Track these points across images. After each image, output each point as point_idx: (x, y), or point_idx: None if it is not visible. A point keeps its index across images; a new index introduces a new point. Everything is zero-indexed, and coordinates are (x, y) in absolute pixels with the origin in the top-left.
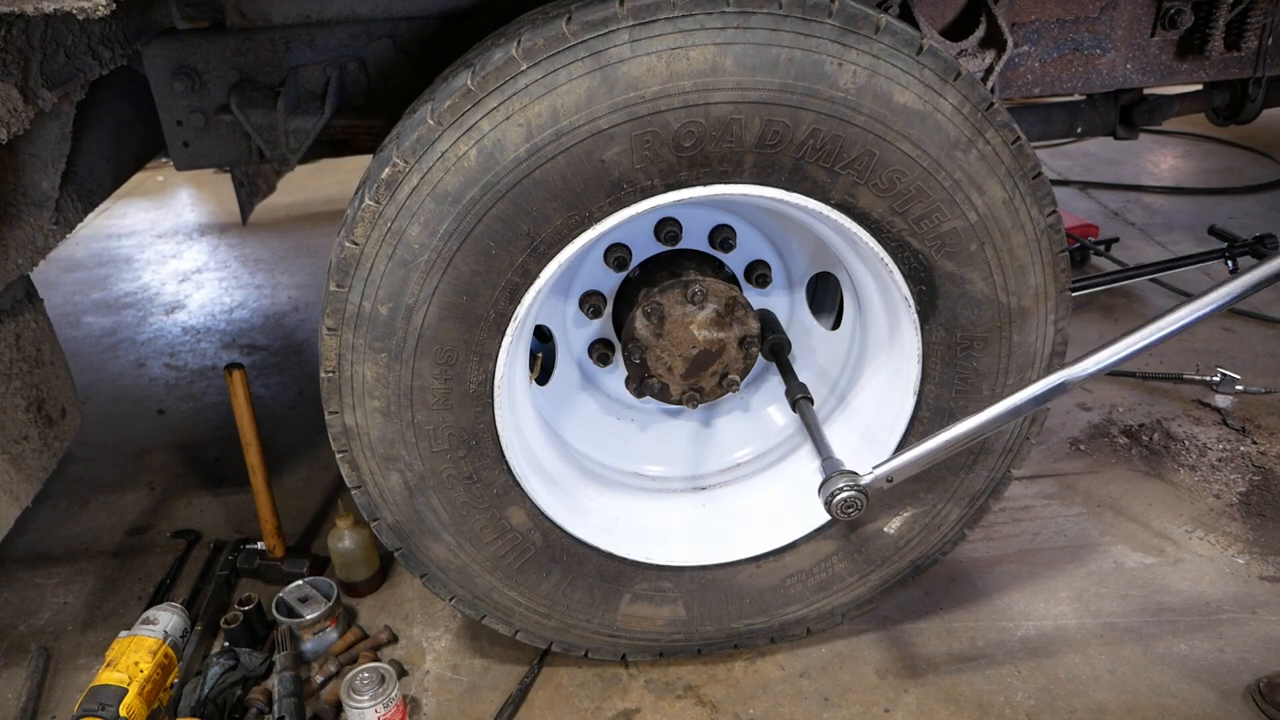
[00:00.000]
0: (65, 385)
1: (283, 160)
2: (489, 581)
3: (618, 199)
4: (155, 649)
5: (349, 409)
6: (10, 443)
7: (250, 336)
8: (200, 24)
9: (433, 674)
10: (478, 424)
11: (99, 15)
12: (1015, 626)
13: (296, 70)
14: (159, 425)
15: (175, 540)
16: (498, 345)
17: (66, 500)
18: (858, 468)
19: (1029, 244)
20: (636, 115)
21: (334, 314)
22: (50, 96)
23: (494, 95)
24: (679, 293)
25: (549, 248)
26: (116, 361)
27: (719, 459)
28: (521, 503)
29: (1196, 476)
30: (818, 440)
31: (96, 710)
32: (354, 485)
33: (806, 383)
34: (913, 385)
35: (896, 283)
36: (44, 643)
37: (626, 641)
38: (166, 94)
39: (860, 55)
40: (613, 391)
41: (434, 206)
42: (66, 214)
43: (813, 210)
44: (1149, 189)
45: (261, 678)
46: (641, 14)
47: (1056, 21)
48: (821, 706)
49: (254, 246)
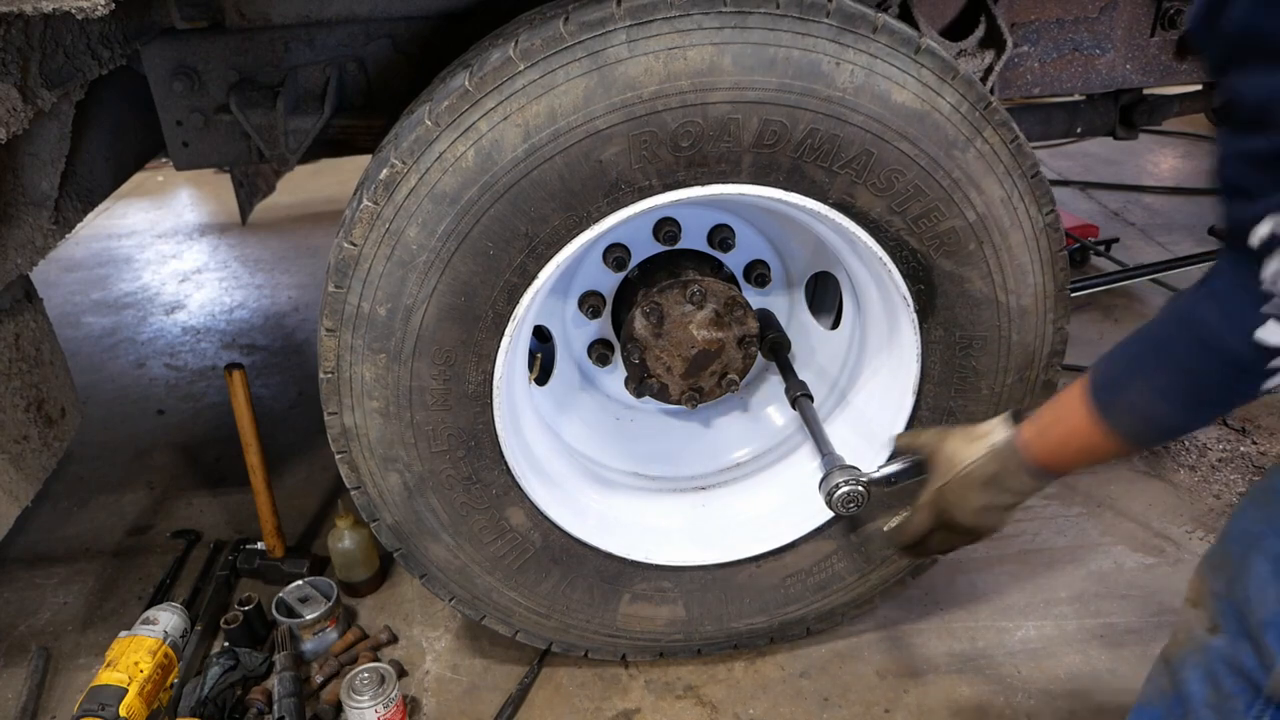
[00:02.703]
0: (65, 385)
1: (282, 160)
2: (489, 582)
3: (616, 199)
4: (155, 649)
5: (348, 410)
6: (10, 443)
7: (250, 336)
8: (200, 24)
9: (433, 674)
10: (477, 424)
11: (98, 15)
12: (1015, 626)
13: (296, 70)
14: (159, 425)
15: (175, 540)
16: (496, 346)
17: (66, 500)
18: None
19: (1028, 243)
20: (634, 115)
21: (333, 315)
22: (49, 96)
23: (491, 96)
24: (678, 292)
25: (547, 248)
26: (116, 361)
27: (718, 459)
28: (521, 503)
29: (1197, 477)
30: (818, 437)
31: (96, 710)
32: (353, 486)
33: (806, 382)
34: (912, 384)
35: (895, 282)
36: (44, 643)
37: (626, 641)
38: (166, 94)
39: (858, 55)
40: (612, 391)
41: (432, 207)
42: (66, 214)
43: (811, 210)
44: (1149, 189)
45: (261, 678)
46: (638, 14)
47: (1056, 21)
48: (821, 706)
49: (254, 246)
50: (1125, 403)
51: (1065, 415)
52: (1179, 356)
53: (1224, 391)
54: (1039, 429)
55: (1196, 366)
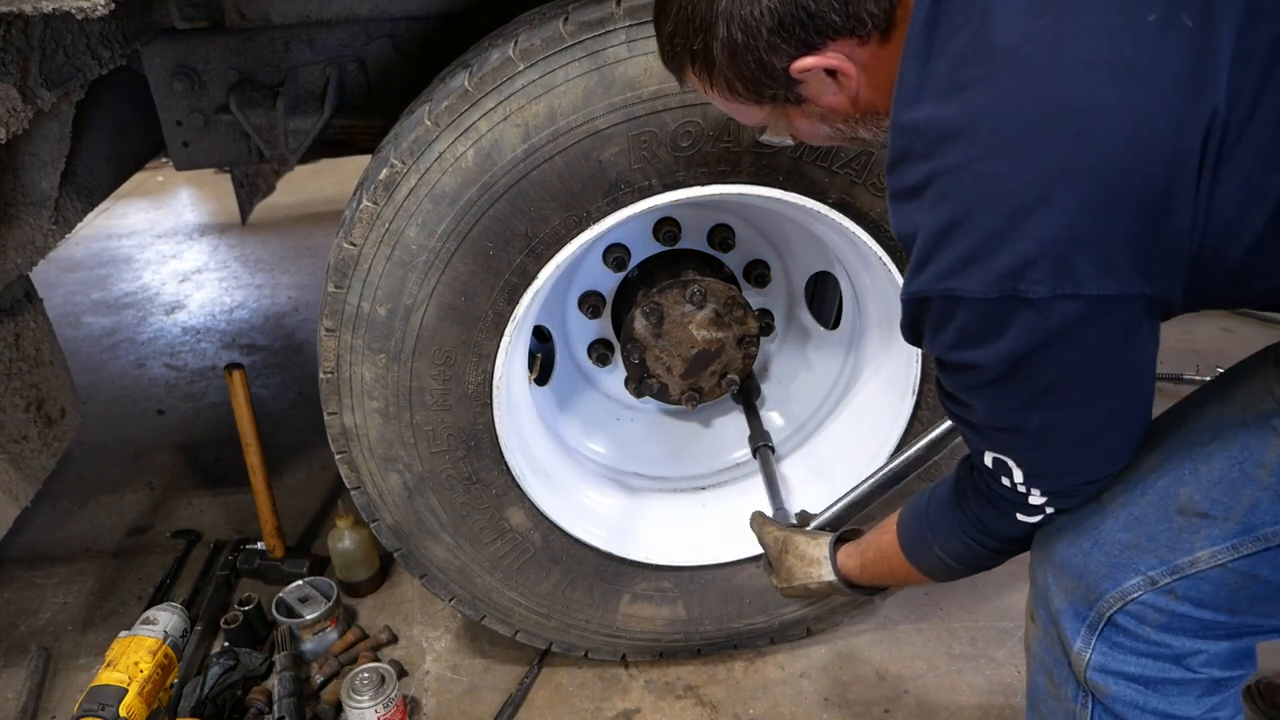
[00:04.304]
0: (65, 385)
1: (282, 160)
2: (489, 582)
3: (615, 199)
4: (155, 649)
5: (348, 410)
6: (10, 443)
7: (250, 336)
8: (200, 24)
9: (433, 674)
10: (476, 424)
11: (98, 15)
12: (1015, 626)
13: (296, 70)
14: (159, 425)
15: (175, 540)
16: (496, 346)
17: (66, 500)
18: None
19: None
20: (634, 115)
21: (332, 315)
22: (49, 96)
23: (491, 96)
24: (678, 292)
25: (547, 248)
26: (116, 361)
27: (718, 459)
28: (521, 503)
29: None
30: (771, 488)
31: (96, 710)
32: (353, 486)
33: (806, 382)
34: (912, 384)
35: (895, 282)
36: (44, 643)
37: (626, 641)
38: (166, 94)
39: None
40: (612, 391)
41: (432, 207)
42: (66, 214)
43: (811, 210)
44: None
45: (261, 678)
46: (638, 14)
47: None
48: (821, 706)
49: (254, 246)
50: (927, 561)
51: (884, 557)
52: (968, 540)
53: (1004, 554)
54: (862, 564)
55: (980, 546)
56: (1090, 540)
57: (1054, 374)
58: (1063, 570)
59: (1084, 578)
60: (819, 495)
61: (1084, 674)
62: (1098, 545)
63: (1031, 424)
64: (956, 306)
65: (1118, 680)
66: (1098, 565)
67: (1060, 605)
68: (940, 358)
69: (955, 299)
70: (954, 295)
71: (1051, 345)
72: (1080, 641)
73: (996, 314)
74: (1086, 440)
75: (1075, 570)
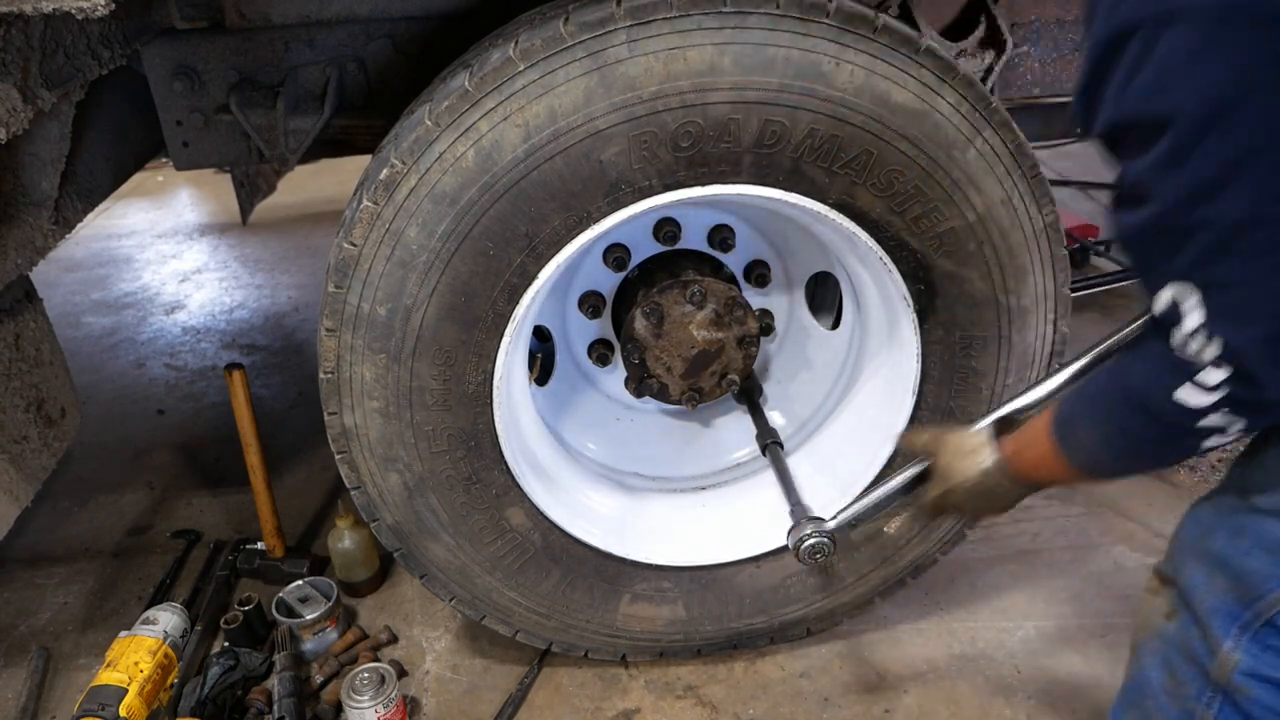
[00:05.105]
0: (65, 385)
1: (282, 160)
2: (489, 582)
3: (616, 199)
4: (155, 649)
5: (348, 410)
6: (10, 443)
7: (250, 336)
8: (200, 24)
9: (433, 674)
10: (477, 424)
11: (98, 15)
12: (1015, 626)
13: (296, 70)
14: (159, 425)
15: (175, 540)
16: (496, 346)
17: (66, 500)
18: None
19: (1028, 243)
20: (634, 116)
21: (333, 315)
22: (49, 96)
23: (491, 96)
24: (678, 293)
25: (547, 248)
26: (116, 361)
27: (718, 459)
28: (521, 503)
29: (1196, 477)
30: (786, 486)
31: (96, 710)
32: (353, 486)
33: (806, 382)
34: (912, 384)
35: (895, 282)
36: (44, 643)
37: (626, 641)
38: (166, 94)
39: (858, 55)
40: (612, 392)
41: (432, 207)
42: (66, 214)
43: (811, 210)
44: None
45: (261, 678)
46: (639, 14)
47: (1056, 21)
48: (821, 706)
49: (254, 246)
50: (1076, 442)
51: (1035, 441)
52: (1115, 413)
53: (1159, 447)
54: (1017, 448)
55: (1128, 425)
56: (1251, 539)
57: (1262, 136)
58: (1219, 568)
59: (1243, 577)
60: (824, 491)
61: (1230, 675)
62: (1259, 544)
63: (1226, 214)
64: (1166, 27)
65: (1264, 685)
66: (1259, 565)
67: (1212, 604)
68: (1125, 120)
69: (1168, 16)
70: (1167, 11)
71: (1266, 90)
72: (1230, 641)
73: (1213, 36)
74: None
75: (1234, 569)
